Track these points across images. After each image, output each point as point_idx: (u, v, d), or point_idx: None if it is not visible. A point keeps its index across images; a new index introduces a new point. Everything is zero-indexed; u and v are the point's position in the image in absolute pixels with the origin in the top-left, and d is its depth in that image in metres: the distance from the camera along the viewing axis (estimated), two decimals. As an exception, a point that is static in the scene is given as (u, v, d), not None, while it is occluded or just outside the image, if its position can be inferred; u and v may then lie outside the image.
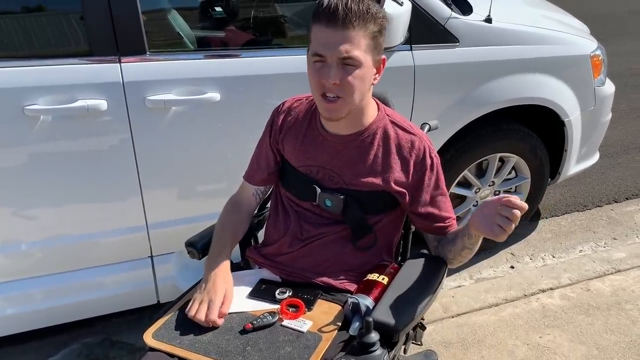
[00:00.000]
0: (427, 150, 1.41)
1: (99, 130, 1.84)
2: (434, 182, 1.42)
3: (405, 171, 1.40)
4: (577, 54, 2.49)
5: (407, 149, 1.40)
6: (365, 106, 1.37)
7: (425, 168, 1.40)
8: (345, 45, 1.22)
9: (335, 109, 1.30)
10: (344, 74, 1.25)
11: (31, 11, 1.80)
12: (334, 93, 1.27)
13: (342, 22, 1.21)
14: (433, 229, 1.46)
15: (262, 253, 1.53)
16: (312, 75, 1.29)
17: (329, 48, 1.23)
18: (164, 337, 1.29)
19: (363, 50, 1.25)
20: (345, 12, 1.21)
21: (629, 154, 3.82)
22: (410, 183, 1.41)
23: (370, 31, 1.25)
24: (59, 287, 2.03)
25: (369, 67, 1.29)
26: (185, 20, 2.07)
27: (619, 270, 2.60)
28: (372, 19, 1.25)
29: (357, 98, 1.30)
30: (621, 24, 6.61)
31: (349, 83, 1.26)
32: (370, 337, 1.19)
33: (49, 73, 1.75)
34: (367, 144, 1.40)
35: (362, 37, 1.24)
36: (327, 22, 1.22)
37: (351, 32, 1.22)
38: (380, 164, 1.40)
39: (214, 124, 1.95)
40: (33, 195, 1.86)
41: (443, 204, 1.45)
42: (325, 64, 1.25)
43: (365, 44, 1.25)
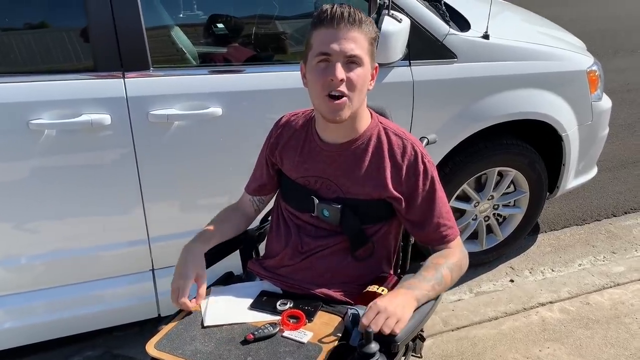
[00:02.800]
0: (419, 155, 1.42)
1: (102, 144, 1.86)
2: (429, 187, 1.42)
3: (398, 176, 1.41)
4: (574, 69, 2.52)
5: (399, 154, 1.42)
6: (360, 114, 1.40)
7: (418, 173, 1.41)
8: (351, 43, 1.29)
9: (340, 107, 1.31)
10: (348, 71, 1.30)
11: (36, 27, 1.84)
12: (340, 91, 1.30)
13: (348, 22, 1.28)
14: (429, 238, 1.45)
15: (264, 265, 1.55)
16: (316, 77, 1.31)
17: (336, 45, 1.28)
18: (166, 347, 1.30)
19: (365, 50, 1.31)
20: (349, 15, 1.29)
21: (627, 168, 3.84)
22: (404, 189, 1.42)
23: (369, 35, 1.32)
24: (60, 301, 2.04)
25: (368, 69, 1.34)
26: (188, 37, 2.11)
27: (618, 284, 2.61)
28: (370, 25, 1.33)
29: (358, 99, 1.34)
30: (617, 40, 6.67)
31: (353, 80, 1.30)
32: (370, 348, 1.20)
33: (53, 88, 1.78)
34: (361, 151, 1.42)
35: (364, 39, 1.31)
36: (331, 24, 1.29)
37: (355, 32, 1.29)
38: (375, 171, 1.42)
39: (216, 138, 1.98)
40: (36, 209, 1.88)
41: (439, 211, 1.43)
42: (330, 64, 1.29)
43: (365, 46, 1.31)
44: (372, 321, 1.21)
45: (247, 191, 1.64)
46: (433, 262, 1.40)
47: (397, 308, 1.25)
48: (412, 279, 1.36)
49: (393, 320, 1.22)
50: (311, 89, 1.35)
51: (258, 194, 1.63)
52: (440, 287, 1.37)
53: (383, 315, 1.22)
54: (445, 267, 1.39)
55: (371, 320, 1.21)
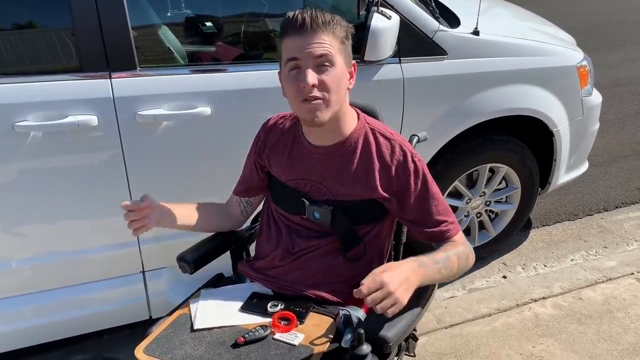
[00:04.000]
0: (408, 155, 1.41)
1: (89, 146, 1.84)
2: (421, 186, 1.41)
3: (388, 177, 1.40)
4: (564, 65, 2.52)
5: (387, 155, 1.41)
6: (344, 114, 1.39)
7: (408, 173, 1.40)
8: (318, 46, 1.27)
9: (316, 108, 1.30)
10: (320, 74, 1.28)
11: (21, 28, 1.81)
12: (314, 96, 1.29)
13: (311, 27, 1.27)
14: (430, 236, 1.43)
15: (254, 267, 1.53)
16: (289, 85, 1.31)
17: (303, 50, 1.27)
18: (155, 351, 1.28)
19: (335, 50, 1.29)
20: (311, 19, 1.27)
21: (618, 163, 3.86)
22: (395, 189, 1.40)
23: (338, 35, 1.30)
24: (49, 304, 2.02)
25: (342, 68, 1.32)
26: (176, 36, 2.08)
27: (610, 279, 2.61)
28: (338, 24, 1.31)
29: (336, 100, 1.32)
30: (607, 35, 6.69)
31: (326, 82, 1.28)
32: (362, 350, 1.19)
33: (39, 89, 1.75)
34: (349, 153, 1.41)
35: (332, 39, 1.29)
36: (297, 31, 1.28)
37: (321, 35, 1.28)
38: (363, 172, 1.40)
39: (205, 138, 1.96)
40: (23, 212, 1.85)
41: (435, 208, 1.42)
42: (300, 70, 1.28)
43: (335, 46, 1.30)
44: (371, 294, 1.15)
45: (235, 193, 1.63)
46: (441, 247, 1.39)
47: (399, 288, 1.18)
48: (423, 256, 1.33)
49: (390, 301, 1.16)
50: (287, 97, 1.35)
51: (246, 195, 1.62)
52: (446, 271, 1.35)
53: (383, 291, 1.16)
54: (453, 252, 1.38)
55: (371, 292, 1.15)
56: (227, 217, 1.63)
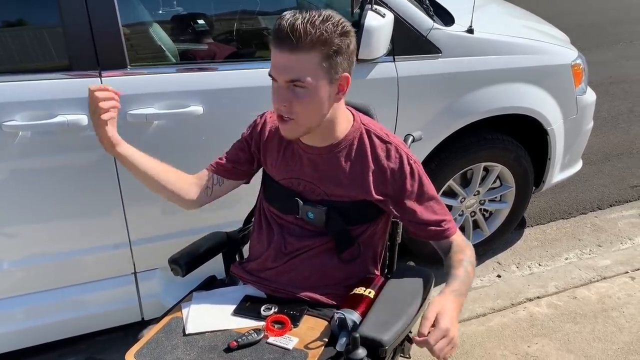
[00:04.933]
0: (404, 158, 1.40)
1: (79, 145, 1.80)
2: (418, 188, 1.40)
3: (383, 180, 1.39)
4: (558, 63, 2.51)
5: (383, 158, 1.39)
6: (334, 120, 1.36)
7: (404, 176, 1.39)
8: (291, 68, 1.22)
9: (287, 129, 1.31)
10: (292, 96, 1.25)
11: (10, 25, 1.78)
12: (285, 115, 1.28)
13: (289, 46, 1.20)
14: (429, 234, 1.43)
15: (247, 269, 1.51)
16: (272, 96, 1.31)
17: (278, 71, 1.24)
18: (146, 356, 1.26)
19: (312, 73, 1.23)
20: (292, 35, 1.18)
21: (611, 161, 3.86)
22: (390, 192, 1.39)
23: (321, 53, 1.22)
24: (40, 306, 1.99)
25: (321, 88, 1.25)
26: (167, 34, 2.06)
27: (604, 278, 2.61)
28: (323, 42, 1.21)
29: (309, 120, 1.30)
30: (600, 34, 6.71)
31: (297, 106, 1.26)
32: (357, 353, 1.18)
33: (27, 88, 1.72)
34: (344, 155, 1.40)
35: (312, 59, 1.21)
36: (278, 45, 1.22)
37: (298, 54, 1.20)
38: (358, 174, 1.39)
39: (197, 137, 1.93)
40: (12, 213, 1.82)
41: (433, 208, 1.42)
42: (277, 86, 1.27)
43: (314, 67, 1.22)
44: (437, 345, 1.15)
45: (209, 167, 1.58)
46: (456, 259, 1.37)
47: (455, 327, 1.19)
48: (454, 282, 1.31)
49: (451, 346, 1.17)
50: None
51: (222, 173, 1.56)
52: (468, 280, 1.34)
53: (447, 338, 1.16)
54: (467, 262, 1.36)
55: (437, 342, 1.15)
56: (189, 185, 1.55)
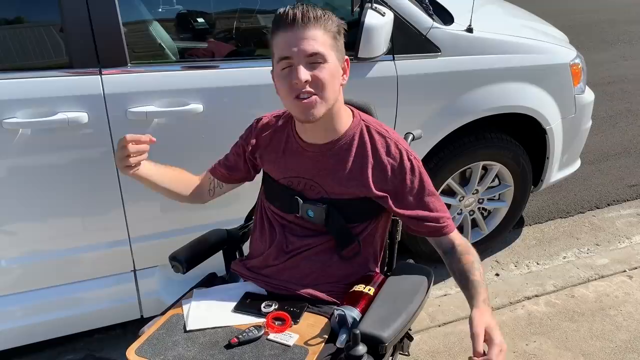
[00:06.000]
0: (404, 154, 1.40)
1: (79, 143, 1.81)
2: (418, 184, 1.40)
3: (383, 176, 1.39)
4: (557, 62, 2.52)
5: (383, 154, 1.40)
6: (338, 111, 1.38)
7: (404, 172, 1.39)
8: (310, 42, 1.26)
9: (311, 105, 1.29)
10: (312, 70, 1.27)
11: (10, 23, 1.78)
12: (308, 92, 1.28)
13: (302, 23, 1.26)
14: (428, 231, 1.43)
15: (248, 266, 1.52)
16: (282, 82, 1.31)
17: (294, 47, 1.26)
18: (147, 352, 1.26)
19: (327, 47, 1.28)
20: (303, 14, 1.26)
21: (609, 161, 3.87)
22: (390, 188, 1.40)
23: (330, 30, 1.29)
24: (40, 304, 1.99)
25: (335, 64, 1.31)
26: (167, 32, 2.06)
27: (602, 276, 2.62)
28: (329, 19, 1.30)
29: (330, 96, 1.31)
30: (597, 33, 6.72)
31: (320, 78, 1.28)
32: (357, 350, 1.18)
33: (28, 86, 1.72)
34: (344, 151, 1.40)
35: (323, 34, 1.28)
36: (287, 27, 1.27)
37: (312, 30, 1.27)
38: (358, 171, 1.39)
39: (197, 135, 1.94)
40: (12, 210, 1.82)
41: (432, 204, 1.42)
42: (293, 67, 1.27)
43: (327, 42, 1.29)
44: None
45: (211, 171, 1.63)
46: (467, 261, 1.37)
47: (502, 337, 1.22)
48: (480, 289, 1.31)
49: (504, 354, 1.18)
50: (280, 94, 1.34)
51: (222, 179, 1.61)
52: (484, 282, 1.35)
53: (503, 353, 1.18)
54: (477, 263, 1.38)
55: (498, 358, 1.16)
56: (194, 187, 1.61)
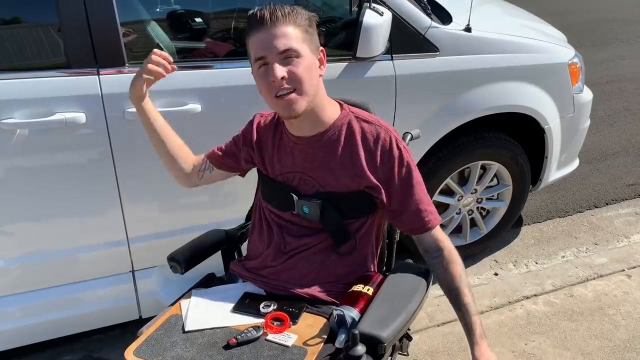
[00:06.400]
0: (393, 141, 1.39)
1: (77, 143, 1.81)
2: (405, 172, 1.39)
3: (373, 163, 1.39)
4: (555, 62, 2.52)
5: (372, 141, 1.39)
6: (321, 102, 1.38)
7: (393, 158, 1.38)
8: (280, 39, 1.27)
9: (291, 101, 1.30)
10: (287, 66, 1.29)
11: (7, 23, 1.77)
12: (286, 88, 1.29)
13: (271, 22, 1.28)
14: (412, 227, 1.42)
15: (246, 267, 1.52)
16: (260, 82, 1.33)
17: (267, 47, 1.28)
18: (145, 353, 1.26)
19: (299, 42, 1.29)
20: (271, 13, 1.28)
21: (608, 160, 3.88)
22: (380, 175, 1.39)
23: (300, 24, 1.31)
24: (38, 304, 1.99)
25: (309, 56, 1.32)
26: (165, 32, 2.05)
27: (601, 276, 2.62)
28: (298, 14, 1.31)
29: (309, 89, 1.31)
30: (597, 33, 6.73)
31: (295, 73, 1.29)
32: (356, 350, 1.18)
33: (25, 86, 1.72)
34: (333, 142, 1.40)
35: (294, 30, 1.29)
36: (259, 27, 1.29)
37: (282, 27, 1.28)
38: (349, 160, 1.39)
39: (195, 135, 1.92)
40: (10, 211, 1.82)
41: (418, 195, 1.40)
42: (268, 66, 1.29)
43: (298, 36, 1.30)
44: None
45: (207, 153, 1.63)
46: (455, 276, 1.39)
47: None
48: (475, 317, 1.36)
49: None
50: (262, 94, 1.35)
51: (215, 161, 1.61)
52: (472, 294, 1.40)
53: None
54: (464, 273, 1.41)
55: None
56: (189, 163, 1.62)
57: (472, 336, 1.35)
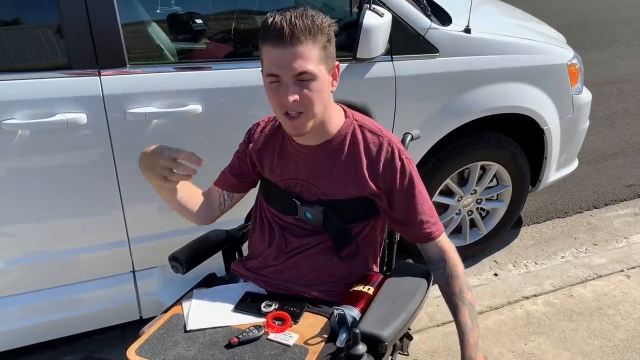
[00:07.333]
0: (395, 152, 1.39)
1: (78, 144, 1.81)
2: (408, 184, 1.39)
3: (375, 173, 1.39)
4: (554, 63, 2.53)
5: (375, 152, 1.39)
6: (329, 115, 1.37)
7: (395, 170, 1.38)
8: (298, 61, 1.22)
9: (299, 124, 1.29)
10: (300, 89, 1.25)
11: (8, 24, 1.78)
12: (295, 109, 1.27)
13: (290, 40, 1.21)
14: (415, 236, 1.43)
15: (247, 266, 1.52)
16: (271, 96, 1.29)
17: (282, 67, 1.23)
18: (147, 352, 1.26)
19: (315, 63, 1.24)
20: (290, 29, 1.20)
21: (607, 161, 3.88)
22: (382, 186, 1.39)
23: (319, 42, 1.25)
24: (39, 305, 1.99)
25: (325, 77, 1.28)
26: (166, 33, 2.06)
27: (600, 276, 2.63)
28: (319, 31, 1.24)
29: (319, 110, 1.30)
30: (596, 34, 6.74)
31: (308, 97, 1.26)
32: (357, 349, 1.18)
33: (27, 87, 1.72)
34: (337, 151, 1.40)
35: (312, 50, 1.23)
36: (275, 42, 1.22)
37: (300, 47, 1.22)
38: (352, 169, 1.39)
39: (196, 136, 1.94)
40: (11, 211, 1.82)
41: (421, 207, 1.40)
42: (281, 83, 1.25)
43: (316, 56, 1.24)
44: None
45: (218, 185, 1.59)
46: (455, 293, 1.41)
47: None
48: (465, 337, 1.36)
49: None
50: (270, 104, 1.33)
51: (231, 189, 1.58)
52: (473, 312, 1.40)
53: None
54: (465, 290, 1.41)
55: None
56: (204, 206, 1.56)
57: (463, 349, 1.35)
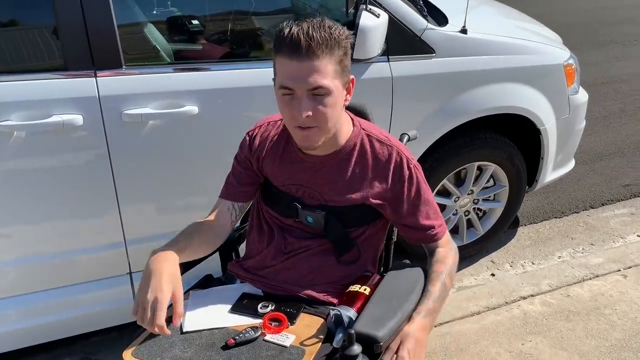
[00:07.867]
0: (404, 161, 1.40)
1: (74, 145, 1.81)
2: (415, 192, 1.41)
3: (384, 184, 1.39)
4: (550, 63, 2.53)
5: (383, 162, 1.39)
6: (339, 127, 1.35)
7: (403, 179, 1.39)
8: (313, 76, 1.19)
9: (311, 136, 1.27)
10: (314, 104, 1.22)
11: (4, 25, 1.77)
12: (308, 124, 1.25)
13: (306, 53, 1.17)
14: (419, 238, 1.45)
15: (245, 267, 1.52)
16: (283, 108, 1.27)
17: (297, 81, 1.20)
18: (143, 354, 1.26)
19: (331, 77, 1.22)
20: (307, 42, 1.17)
21: (603, 161, 3.89)
22: (389, 195, 1.40)
23: (336, 56, 1.22)
24: (35, 307, 1.98)
25: (339, 91, 1.26)
26: (162, 34, 2.06)
27: (597, 276, 2.63)
28: (336, 44, 1.21)
29: (332, 125, 1.29)
30: (592, 34, 6.76)
31: (321, 112, 1.23)
32: (352, 350, 1.18)
33: (22, 88, 1.72)
34: (344, 161, 1.40)
35: (328, 64, 1.20)
36: (291, 54, 1.18)
37: (316, 62, 1.18)
38: (358, 180, 1.39)
39: (192, 137, 1.94)
40: (7, 213, 1.82)
41: (427, 213, 1.42)
42: (295, 96, 1.22)
43: (332, 71, 1.21)
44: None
45: (227, 197, 1.50)
46: (435, 271, 1.39)
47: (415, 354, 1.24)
48: (427, 301, 1.33)
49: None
50: (282, 114, 1.30)
51: (242, 199, 1.50)
52: (445, 294, 1.38)
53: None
54: (445, 274, 1.39)
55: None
56: (215, 233, 1.47)
57: (414, 312, 1.32)
